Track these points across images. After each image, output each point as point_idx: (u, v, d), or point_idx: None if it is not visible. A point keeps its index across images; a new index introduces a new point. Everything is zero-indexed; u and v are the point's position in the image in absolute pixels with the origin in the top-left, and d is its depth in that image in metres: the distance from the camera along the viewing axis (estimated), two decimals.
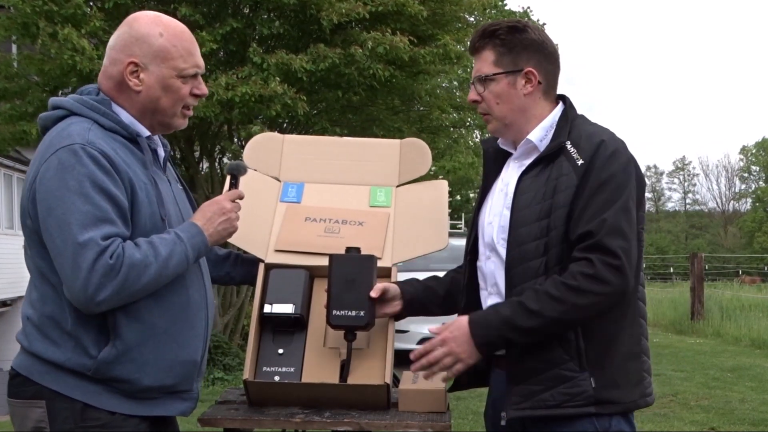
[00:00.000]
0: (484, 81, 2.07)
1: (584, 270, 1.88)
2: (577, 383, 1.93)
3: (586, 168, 1.94)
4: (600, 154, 1.95)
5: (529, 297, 1.91)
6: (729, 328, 13.04)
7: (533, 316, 1.89)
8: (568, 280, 1.88)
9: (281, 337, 2.24)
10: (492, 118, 2.09)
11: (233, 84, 8.20)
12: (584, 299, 1.87)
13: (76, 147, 1.81)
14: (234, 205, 2.04)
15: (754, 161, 57.09)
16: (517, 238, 1.98)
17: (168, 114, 1.97)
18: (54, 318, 1.85)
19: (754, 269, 39.19)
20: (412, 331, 9.33)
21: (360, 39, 8.64)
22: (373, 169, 2.52)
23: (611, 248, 1.88)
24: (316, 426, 2.06)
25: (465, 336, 1.95)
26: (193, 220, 1.98)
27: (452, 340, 1.96)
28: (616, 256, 1.87)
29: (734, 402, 7.30)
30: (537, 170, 2.01)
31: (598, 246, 1.88)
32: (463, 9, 10.32)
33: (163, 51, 1.92)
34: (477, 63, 2.09)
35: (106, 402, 1.86)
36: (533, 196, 1.98)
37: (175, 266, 1.86)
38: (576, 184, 1.94)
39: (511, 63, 2.05)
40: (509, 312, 1.92)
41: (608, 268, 1.87)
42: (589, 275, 1.87)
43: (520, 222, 1.98)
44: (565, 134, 2.02)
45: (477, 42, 2.09)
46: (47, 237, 1.81)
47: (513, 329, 1.91)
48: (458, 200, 26.06)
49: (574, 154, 1.97)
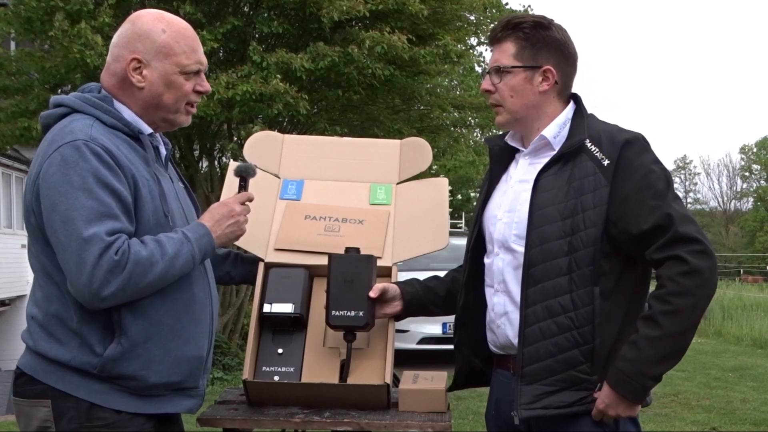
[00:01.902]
0: (501, 72, 2.05)
1: (680, 269, 1.86)
2: (586, 386, 1.93)
3: (615, 168, 1.94)
4: (628, 152, 1.95)
5: (646, 326, 1.88)
6: (730, 327, 13.05)
7: (662, 341, 1.87)
8: (671, 286, 1.87)
9: (281, 336, 2.23)
10: (503, 110, 2.08)
11: (233, 83, 8.18)
12: (694, 298, 1.87)
13: (79, 143, 1.81)
14: (243, 208, 2.03)
15: (755, 160, 57.04)
16: (539, 236, 1.96)
17: (171, 110, 1.97)
18: (59, 316, 1.85)
19: (755, 268, 39.19)
20: (413, 331, 9.32)
21: (359, 38, 8.62)
22: (373, 166, 2.51)
23: (690, 235, 1.88)
24: (316, 426, 2.05)
25: (617, 398, 1.90)
26: (201, 220, 1.98)
27: (610, 408, 1.92)
28: (699, 241, 1.88)
29: (736, 402, 7.29)
30: (557, 167, 1.99)
31: (677, 238, 1.88)
32: (464, 8, 10.30)
33: (166, 47, 1.93)
34: (496, 53, 2.07)
35: (112, 401, 1.86)
36: (555, 194, 1.96)
37: (181, 266, 1.87)
38: (607, 184, 1.93)
39: (530, 58, 2.04)
40: (636, 354, 1.88)
41: (698, 255, 1.87)
42: (687, 272, 1.86)
43: (543, 220, 1.96)
44: (584, 131, 2.00)
45: (499, 32, 2.07)
46: (51, 233, 1.81)
47: (651, 366, 1.89)
48: (459, 199, 26.06)
49: (597, 154, 1.96)
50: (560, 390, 1.93)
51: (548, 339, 1.94)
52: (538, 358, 1.95)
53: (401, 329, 8.68)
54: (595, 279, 1.93)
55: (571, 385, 1.93)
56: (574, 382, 1.93)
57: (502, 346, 2.08)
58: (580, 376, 1.93)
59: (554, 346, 1.93)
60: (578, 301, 1.93)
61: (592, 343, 1.92)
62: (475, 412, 6.42)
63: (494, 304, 2.07)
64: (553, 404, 1.93)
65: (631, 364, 1.88)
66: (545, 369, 1.94)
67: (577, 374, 1.93)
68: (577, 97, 2.12)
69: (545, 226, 1.95)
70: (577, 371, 1.93)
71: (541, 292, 1.95)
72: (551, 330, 1.94)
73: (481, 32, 11.81)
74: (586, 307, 1.92)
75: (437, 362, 6.76)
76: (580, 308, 1.93)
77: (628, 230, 1.92)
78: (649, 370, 1.89)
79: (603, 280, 1.93)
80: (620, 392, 1.90)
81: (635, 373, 1.88)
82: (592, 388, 1.93)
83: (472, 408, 6.59)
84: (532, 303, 1.95)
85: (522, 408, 1.95)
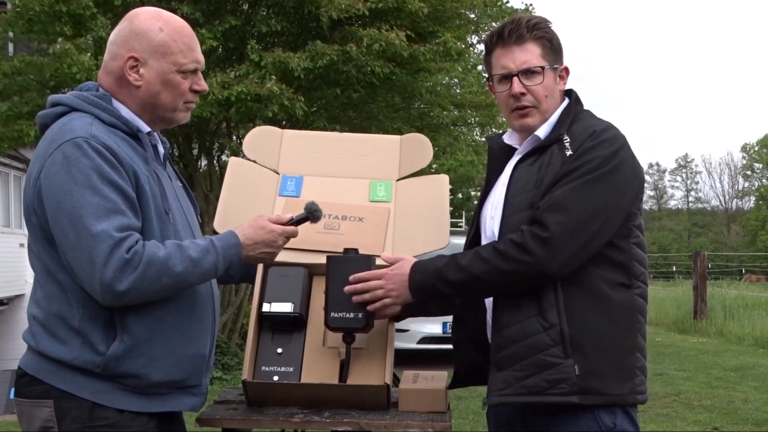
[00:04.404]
0: (533, 74, 2.05)
1: (513, 238, 1.93)
2: (561, 370, 1.91)
3: (570, 156, 1.96)
4: (586, 142, 1.96)
5: (464, 254, 2.00)
6: (732, 327, 13.01)
7: (460, 270, 1.96)
8: (499, 245, 1.95)
9: (280, 336, 2.22)
10: (537, 111, 2.07)
11: (229, 83, 8.16)
12: (506, 265, 1.92)
13: (80, 141, 1.81)
14: (284, 242, 2.04)
15: (757, 159, 57.01)
16: (509, 225, 1.99)
17: (168, 109, 1.97)
18: (61, 315, 1.84)
19: (757, 267, 39.17)
20: (413, 330, 9.32)
21: (357, 36, 8.60)
22: (372, 163, 2.50)
23: (543, 221, 1.91)
24: (316, 426, 2.04)
25: (403, 277, 2.03)
26: (238, 232, 1.97)
27: (391, 277, 2.05)
28: (545, 228, 1.90)
29: (737, 402, 7.27)
30: (531, 160, 2.03)
31: (534, 219, 1.93)
32: (464, 6, 10.28)
33: (163, 46, 1.92)
34: (519, 54, 2.05)
35: (114, 400, 1.85)
36: (524, 184, 2.00)
37: (203, 273, 1.87)
38: (557, 171, 1.95)
39: (554, 59, 2.08)
40: (443, 263, 2.00)
41: (535, 239, 1.90)
42: (516, 243, 1.92)
43: (512, 209, 2.00)
44: (565, 127, 2.03)
45: (525, 33, 2.05)
46: (58, 232, 1.80)
47: (442, 280, 1.99)
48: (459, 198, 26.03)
49: (567, 144, 1.98)
50: (530, 375, 1.92)
51: (514, 324, 1.95)
52: (505, 344, 1.96)
53: (401, 329, 8.67)
54: None
55: (542, 369, 1.92)
56: (545, 366, 1.92)
57: None
58: (551, 359, 1.91)
59: (520, 331, 1.94)
60: (541, 285, 1.94)
61: (559, 325, 1.92)
62: (475, 412, 6.41)
63: (490, 300, 2.08)
64: (524, 390, 1.92)
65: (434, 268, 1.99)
66: (513, 355, 1.94)
67: (547, 358, 1.92)
68: (572, 92, 2.13)
69: (514, 216, 1.99)
70: (546, 355, 1.92)
71: None
72: (516, 317, 1.96)
73: (480, 30, 11.79)
74: (548, 291, 1.94)
75: (437, 362, 6.75)
76: (542, 293, 1.94)
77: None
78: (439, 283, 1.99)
79: None
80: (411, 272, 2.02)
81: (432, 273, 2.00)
82: (569, 372, 1.90)
83: (473, 408, 6.57)
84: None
85: (494, 394, 1.96)
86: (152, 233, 1.87)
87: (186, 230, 2.00)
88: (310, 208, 2.08)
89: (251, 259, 2.00)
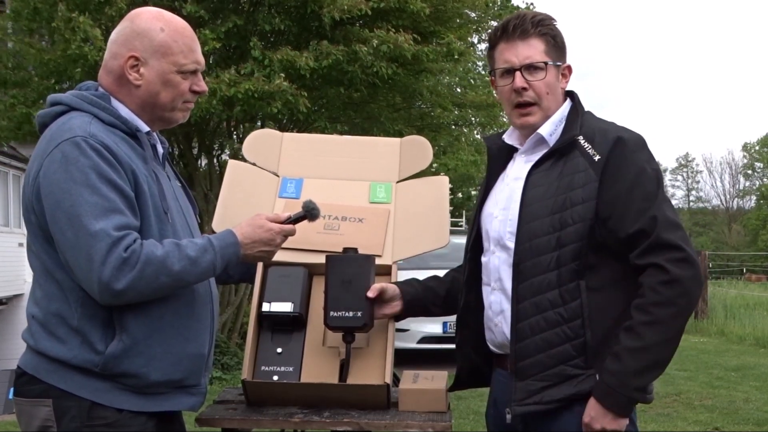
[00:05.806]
0: (535, 69, 2.03)
1: (660, 278, 1.86)
2: (584, 381, 1.92)
3: (606, 163, 1.92)
4: (621, 149, 1.93)
5: (627, 337, 1.87)
6: (733, 326, 13.00)
7: (644, 352, 1.86)
8: (652, 296, 1.86)
9: (280, 336, 2.22)
10: (538, 109, 2.05)
11: (235, 80, 8.16)
12: (674, 308, 1.86)
13: (79, 140, 1.81)
14: (282, 241, 2.03)
15: (758, 158, 56.97)
16: (528, 232, 1.96)
17: (167, 109, 1.97)
18: (60, 315, 1.84)
19: (758, 267, 39.14)
20: (413, 330, 9.30)
21: (362, 36, 8.60)
22: (372, 165, 2.50)
23: (672, 242, 1.87)
24: (315, 426, 2.04)
25: (602, 410, 1.89)
26: (236, 231, 1.97)
27: (595, 420, 1.90)
28: (680, 249, 1.87)
29: (738, 402, 7.26)
30: (548, 164, 2.00)
31: (658, 244, 1.87)
32: (466, 5, 10.27)
33: (164, 46, 1.93)
34: (524, 49, 2.03)
35: (113, 399, 1.85)
36: (545, 190, 1.96)
37: (201, 272, 1.87)
38: (596, 179, 1.92)
39: (557, 56, 2.06)
40: (618, 366, 1.87)
41: (678, 264, 1.86)
42: (666, 282, 1.85)
43: (532, 216, 1.96)
44: (577, 128, 2.00)
45: (530, 28, 2.03)
46: (57, 231, 1.80)
47: (634, 377, 1.87)
48: (459, 198, 26.02)
49: (588, 150, 1.96)
50: (553, 385, 1.92)
51: (538, 335, 1.94)
52: (528, 353, 1.95)
53: (401, 328, 8.66)
54: (581, 273, 1.92)
55: (564, 380, 1.92)
56: (566, 377, 1.92)
57: (499, 344, 2.07)
58: (573, 371, 1.92)
59: (544, 341, 1.93)
60: (566, 295, 1.92)
61: (584, 336, 1.91)
62: (475, 412, 6.40)
63: (491, 302, 2.07)
64: (546, 399, 1.93)
65: (614, 377, 1.87)
66: (536, 364, 1.94)
67: (569, 369, 1.92)
68: (574, 94, 2.11)
69: (534, 221, 1.96)
70: (569, 366, 1.92)
71: (530, 288, 1.95)
72: (540, 325, 1.94)
73: (482, 30, 11.78)
74: (574, 301, 1.92)
75: (437, 362, 6.74)
76: (568, 303, 1.92)
77: (615, 232, 1.91)
78: (632, 381, 1.87)
79: (590, 274, 1.92)
80: (605, 405, 1.89)
81: (618, 385, 1.87)
82: (590, 382, 1.91)
83: (473, 408, 6.57)
84: (523, 299, 1.96)
85: (515, 404, 1.95)
86: (151, 233, 1.87)
87: (185, 230, 2.00)
88: (307, 206, 2.08)
89: (249, 257, 2.00)
